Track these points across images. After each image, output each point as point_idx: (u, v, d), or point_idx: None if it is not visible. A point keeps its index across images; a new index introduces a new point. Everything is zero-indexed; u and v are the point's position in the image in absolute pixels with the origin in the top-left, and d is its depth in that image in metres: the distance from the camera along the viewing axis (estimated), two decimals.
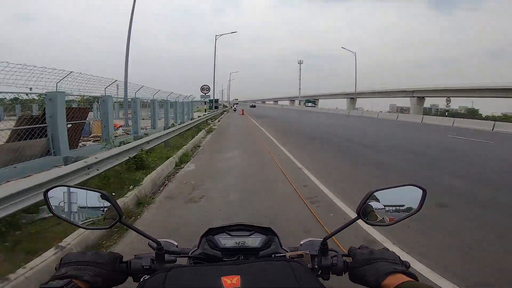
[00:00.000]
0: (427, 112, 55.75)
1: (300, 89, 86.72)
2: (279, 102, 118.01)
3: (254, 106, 76.61)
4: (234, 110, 46.59)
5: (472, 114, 49.98)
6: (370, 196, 0.66)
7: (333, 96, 78.63)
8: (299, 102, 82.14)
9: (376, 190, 0.66)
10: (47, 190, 0.65)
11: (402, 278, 0.56)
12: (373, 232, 2.86)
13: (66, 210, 0.67)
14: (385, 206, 0.67)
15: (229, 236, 0.76)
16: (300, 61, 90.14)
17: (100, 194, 0.66)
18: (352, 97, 67.46)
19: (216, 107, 42.45)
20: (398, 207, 0.68)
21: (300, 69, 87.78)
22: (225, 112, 35.68)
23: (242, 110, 35.00)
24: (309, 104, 75.99)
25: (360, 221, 0.67)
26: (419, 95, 50.39)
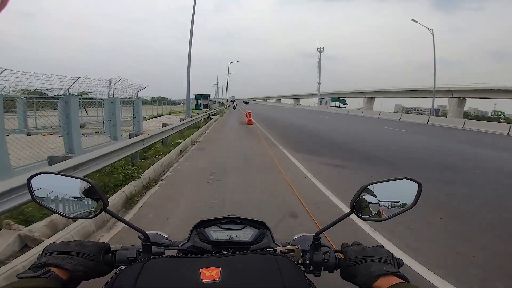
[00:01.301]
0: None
1: (319, 83, 63.96)
2: (282, 101, 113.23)
3: (248, 103, 72.61)
4: (233, 108, 41.21)
5: (498, 117, 45.07)
6: (364, 189, 0.64)
7: (348, 94, 68.77)
8: (320, 102, 61.53)
9: (370, 184, 0.65)
10: (31, 177, 0.64)
11: (393, 280, 0.55)
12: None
13: (49, 198, 0.65)
14: (379, 200, 0.65)
15: (220, 229, 0.75)
16: (320, 48, 66.19)
17: (86, 182, 0.65)
18: (370, 96, 60.52)
19: (207, 106, 31.13)
20: (392, 202, 0.66)
21: (320, 58, 65.03)
22: (212, 121, 17.07)
23: (249, 115, 16.62)
24: (335, 103, 57.36)
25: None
26: (460, 95, 42.82)
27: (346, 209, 1.75)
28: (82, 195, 0.65)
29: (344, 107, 52.21)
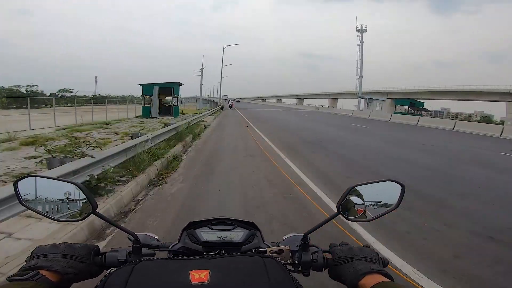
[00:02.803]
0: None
1: (361, 76, 42.25)
2: (283, 101, 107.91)
3: (238, 101, 69.31)
4: (230, 106, 36.37)
5: None
6: (350, 191, 0.66)
7: (366, 94, 56.36)
8: (367, 104, 42.22)
9: (356, 185, 0.67)
10: (17, 180, 0.64)
11: (378, 278, 0.57)
12: None
13: (37, 201, 0.66)
14: (364, 201, 0.68)
15: (210, 230, 0.77)
16: (362, 27, 43.98)
17: (74, 185, 0.66)
18: (394, 98, 47.06)
19: (169, 110, 18.81)
20: (377, 203, 0.69)
21: (361, 41, 42.91)
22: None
23: None
24: (403, 107, 38.49)
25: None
26: None
27: None
28: (70, 198, 0.66)
29: (421, 114, 33.23)
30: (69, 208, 0.66)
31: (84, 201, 0.65)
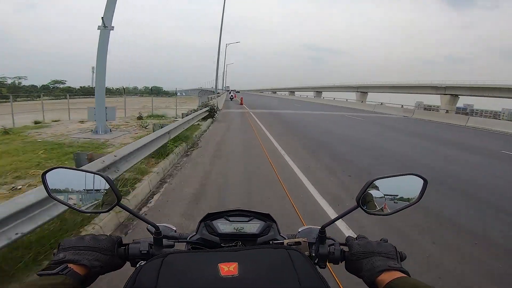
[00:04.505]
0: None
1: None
2: (296, 93, 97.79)
3: (238, 92, 61.13)
4: (231, 98, 34.27)
5: None
6: (370, 184, 0.67)
7: (413, 89, 51.04)
8: None
9: (377, 179, 0.68)
10: (46, 172, 0.67)
11: (395, 274, 0.59)
12: None
13: (64, 193, 0.68)
14: (385, 195, 0.68)
15: (227, 221, 0.79)
16: None
17: (100, 176, 0.68)
18: (453, 94, 42.47)
19: None
20: (397, 196, 0.69)
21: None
22: None
23: None
24: None
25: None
26: None
27: None
28: (96, 190, 0.68)
29: None
30: (94, 200, 0.68)
31: (109, 192, 0.67)
